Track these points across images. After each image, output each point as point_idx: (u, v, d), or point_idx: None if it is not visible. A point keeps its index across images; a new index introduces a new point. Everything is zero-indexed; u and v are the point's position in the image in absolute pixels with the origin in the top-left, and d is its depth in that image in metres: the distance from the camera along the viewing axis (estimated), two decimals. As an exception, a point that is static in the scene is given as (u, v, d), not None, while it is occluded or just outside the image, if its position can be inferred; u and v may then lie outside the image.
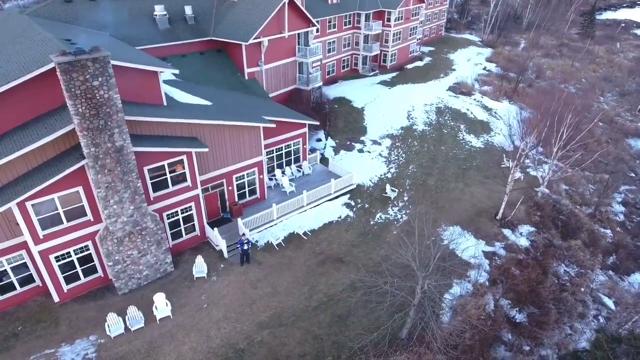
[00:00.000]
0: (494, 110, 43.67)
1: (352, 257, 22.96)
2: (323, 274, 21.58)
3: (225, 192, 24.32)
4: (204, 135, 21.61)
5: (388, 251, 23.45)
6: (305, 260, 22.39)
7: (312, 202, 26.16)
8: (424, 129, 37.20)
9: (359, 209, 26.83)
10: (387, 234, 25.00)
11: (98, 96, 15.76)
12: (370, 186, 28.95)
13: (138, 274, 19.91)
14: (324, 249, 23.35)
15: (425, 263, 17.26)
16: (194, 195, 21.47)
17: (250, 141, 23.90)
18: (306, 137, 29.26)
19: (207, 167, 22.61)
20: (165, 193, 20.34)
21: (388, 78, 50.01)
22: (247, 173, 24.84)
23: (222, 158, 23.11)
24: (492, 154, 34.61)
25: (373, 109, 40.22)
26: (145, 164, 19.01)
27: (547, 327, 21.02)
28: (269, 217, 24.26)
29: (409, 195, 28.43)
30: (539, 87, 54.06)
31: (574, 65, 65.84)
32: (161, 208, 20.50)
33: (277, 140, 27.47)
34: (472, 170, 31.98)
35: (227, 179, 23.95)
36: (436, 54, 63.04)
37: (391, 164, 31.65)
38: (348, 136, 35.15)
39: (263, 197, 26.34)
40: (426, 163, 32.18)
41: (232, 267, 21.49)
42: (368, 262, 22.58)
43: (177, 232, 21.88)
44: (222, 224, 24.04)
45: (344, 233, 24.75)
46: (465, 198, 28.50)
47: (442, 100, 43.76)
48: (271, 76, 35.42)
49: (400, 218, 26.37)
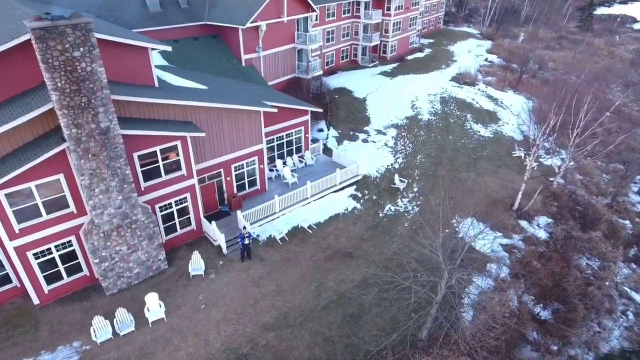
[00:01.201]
0: (499, 100, 42.22)
1: (362, 251, 21.21)
2: (331, 270, 19.81)
3: (224, 183, 22.44)
4: (199, 119, 19.73)
5: (400, 244, 21.75)
6: (312, 256, 20.60)
7: (317, 193, 24.37)
8: (430, 119, 35.58)
9: (367, 200, 25.09)
10: (398, 226, 23.28)
11: (79, 69, 13.83)
12: (377, 177, 27.22)
13: (128, 272, 17.98)
14: (331, 243, 21.57)
15: (449, 255, 15.53)
16: (190, 186, 19.58)
17: (250, 127, 22.04)
18: (308, 126, 27.47)
19: (203, 155, 20.72)
20: (157, 183, 18.43)
21: (389, 69, 48.43)
22: (247, 163, 22.98)
23: (220, 145, 21.23)
24: (502, 143, 33.06)
25: (375, 99, 38.58)
26: (135, 150, 17.10)
27: (574, 325, 19.42)
28: (270, 209, 22.43)
29: (418, 186, 26.75)
30: (542, 77, 52.92)
31: (576, 57, 64.75)
32: (153, 199, 18.59)
33: (277, 129, 25.64)
34: (483, 159, 30.38)
35: (225, 168, 22.07)
36: (436, 45, 61.77)
37: (398, 154, 29.96)
38: (351, 126, 33.41)
39: (264, 189, 24.50)
40: (435, 153, 30.52)
41: (232, 264, 19.64)
42: (379, 257, 20.84)
43: (171, 226, 19.97)
44: (220, 217, 22.17)
45: (351, 226, 22.99)
46: (478, 188, 26.88)
47: (446, 90, 42.24)
48: (269, 63, 33.57)
49: (411, 210, 24.66)
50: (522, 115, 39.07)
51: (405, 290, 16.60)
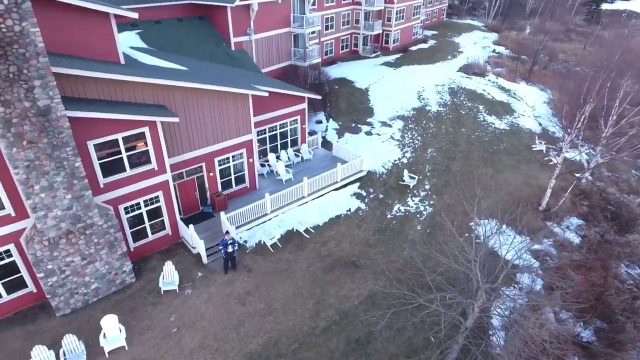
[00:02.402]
0: (512, 91, 39.10)
1: (368, 259, 17.99)
2: (332, 283, 16.57)
3: (206, 179, 19.18)
4: (174, 103, 16.48)
5: (413, 251, 18.54)
6: (309, 265, 17.36)
7: (315, 191, 21.14)
8: (439, 110, 32.37)
9: (372, 199, 21.86)
10: (409, 229, 20.06)
11: (4, 28, 10.57)
12: (383, 173, 23.99)
13: (84, 288, 14.70)
14: (331, 250, 18.34)
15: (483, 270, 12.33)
16: (162, 182, 16.32)
17: (236, 114, 18.78)
18: (305, 115, 24.23)
19: (180, 146, 17.46)
20: (121, 178, 15.16)
21: (392, 59, 45.27)
22: (233, 156, 19.73)
23: (200, 135, 17.97)
24: (520, 136, 29.89)
25: (378, 89, 35.40)
26: (90, 137, 13.83)
27: (623, 348, 16.24)
28: (260, 210, 19.18)
29: (430, 183, 23.53)
30: (554, 69, 49.92)
31: (587, 49, 61.79)
32: (116, 199, 15.33)
33: (270, 118, 22.39)
34: (501, 154, 27.20)
35: (208, 162, 18.82)
36: (440, 37, 58.84)
37: (406, 148, 26.74)
38: (353, 118, 30.18)
39: (254, 186, 21.24)
40: (447, 146, 27.32)
41: (214, 276, 16.39)
42: (389, 266, 17.62)
43: (140, 231, 16.70)
44: (202, 219, 18.93)
45: (355, 229, 19.75)
46: (498, 186, 23.66)
47: (454, 81, 39.08)
48: (262, 48, 30.30)
49: (423, 210, 21.43)
50: (540, 108, 36.25)
51: (422, 308, 13.43)
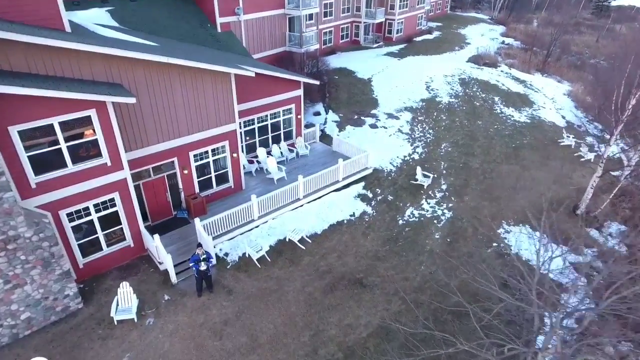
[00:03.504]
0: (528, 82, 35.82)
1: (378, 277, 14.60)
2: (334, 308, 13.18)
3: (179, 178, 15.78)
4: (135, 82, 13.08)
5: (432, 266, 15.18)
6: (304, 285, 13.96)
7: (312, 192, 17.76)
8: (450, 101, 29.04)
9: (380, 202, 18.49)
10: (425, 238, 16.69)
11: None
12: (392, 170, 20.62)
13: (10, 319, 11.26)
14: (332, 265, 14.95)
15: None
16: (119, 182, 12.89)
17: (216, 98, 15.38)
18: (301, 104, 20.85)
19: (144, 136, 14.04)
20: (61, 176, 11.74)
21: (395, 50, 42.00)
22: (213, 150, 16.33)
23: (171, 124, 14.56)
24: (543, 130, 26.57)
25: (382, 80, 32.09)
26: (12, 121, 10.42)
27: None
28: (246, 215, 15.79)
29: (447, 182, 20.17)
30: (568, 61, 46.78)
31: (599, 42, 58.75)
32: (56, 203, 11.90)
33: (259, 106, 19.00)
34: (525, 149, 23.86)
35: (181, 157, 15.41)
36: (445, 29, 55.78)
37: (416, 142, 23.38)
38: (355, 109, 26.81)
39: (239, 186, 17.84)
40: (463, 140, 23.97)
41: (184, 300, 12.98)
42: (404, 285, 14.26)
43: (91, 243, 13.26)
44: (175, 227, 15.54)
45: (361, 239, 16.37)
46: (526, 185, 20.34)
47: (464, 71, 35.81)
48: (253, 31, 26.91)
49: (441, 215, 18.06)
50: (560, 100, 33.01)
51: (449, 344, 10.08)
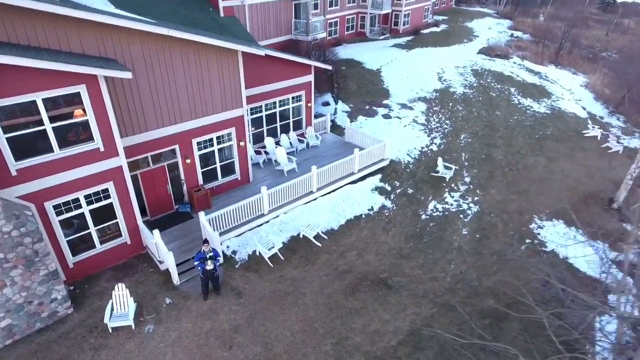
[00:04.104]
0: (542, 74, 34.42)
1: (404, 277, 13.11)
2: (357, 312, 11.67)
3: (181, 168, 14.26)
4: (131, 57, 11.57)
5: (461, 265, 13.71)
6: (323, 286, 12.46)
7: (326, 185, 16.26)
8: (465, 92, 27.59)
9: (399, 195, 17.00)
10: (452, 234, 15.20)
11: None
12: (409, 162, 19.14)
13: (-13, 328, 9.77)
14: (352, 264, 13.46)
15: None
16: (113, 170, 11.37)
17: (221, 79, 13.87)
18: (311, 90, 19.36)
19: (142, 120, 12.53)
20: (46, 162, 10.22)
21: (403, 41, 40.61)
22: (218, 137, 14.82)
23: (172, 107, 13.05)
24: (565, 121, 25.12)
25: (392, 71, 30.66)
26: (-13, 97, 8.93)
27: None
28: (255, 209, 14.28)
29: (471, 175, 18.69)
30: (580, 54, 45.48)
31: (608, 35, 57.54)
32: (41, 193, 10.37)
33: (267, 92, 17.50)
34: (549, 140, 22.40)
35: (183, 145, 13.89)
36: (451, 22, 54.57)
37: (434, 133, 21.89)
38: (366, 99, 25.35)
39: (246, 178, 16.33)
40: (482, 131, 22.50)
41: (187, 304, 11.46)
42: (433, 286, 12.77)
43: (83, 240, 11.74)
44: (176, 222, 14.03)
45: (382, 235, 14.88)
46: (555, 178, 18.89)
47: (476, 62, 34.41)
48: (258, 16, 25.44)
49: (467, 209, 16.57)
50: (578, 91, 31.61)
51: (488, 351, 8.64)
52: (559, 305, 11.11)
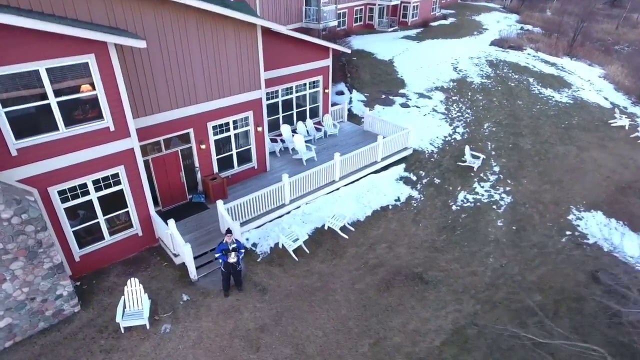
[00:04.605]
0: (559, 65, 33.41)
1: (440, 271, 12.03)
2: (393, 310, 10.58)
3: (195, 154, 13.15)
4: (144, 28, 10.48)
5: (500, 258, 12.64)
6: (354, 281, 11.37)
7: (348, 174, 15.18)
8: (483, 82, 26.54)
9: (426, 185, 15.93)
10: (486, 226, 14.12)
11: None
12: (433, 151, 18.06)
13: (-16, 328, 8.66)
14: (383, 257, 12.37)
15: None
16: (124, 152, 10.26)
17: (239, 56, 12.78)
18: (329, 75, 18.28)
19: (154, 101, 11.43)
20: (51, 142, 9.11)
21: (412, 34, 39.60)
22: (235, 121, 13.72)
23: (186, 85, 11.95)
24: (589, 111, 24.07)
25: (405, 61, 29.63)
26: (-17, 64, 7.81)
27: None
28: (275, 199, 13.18)
29: (499, 164, 17.62)
30: (592, 47, 44.55)
31: (619, 29, 56.66)
32: (44, 177, 9.27)
33: (283, 76, 16.38)
34: (576, 129, 21.34)
35: (198, 129, 12.79)
36: (459, 16, 53.60)
37: (456, 122, 20.83)
38: (381, 89, 24.29)
39: (263, 167, 15.23)
40: (506, 120, 21.44)
41: (207, 301, 10.36)
42: (473, 281, 11.70)
43: (90, 230, 10.63)
44: (189, 213, 12.92)
45: (411, 227, 13.80)
46: (588, 167, 17.84)
47: (490, 54, 33.37)
48: (268, 2, 24.34)
49: (499, 200, 15.50)
50: (597, 82, 30.60)
51: None
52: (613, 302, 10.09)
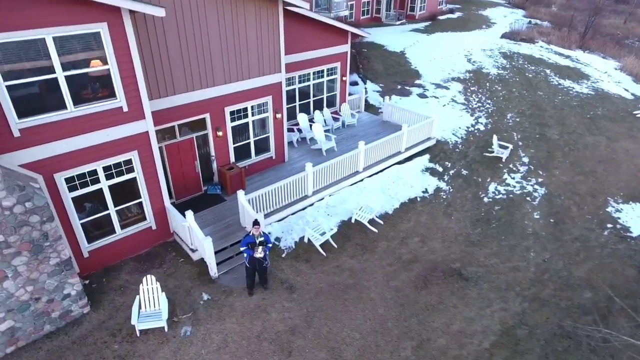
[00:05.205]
0: (573, 57, 32.57)
1: (479, 266, 11.09)
2: (434, 309, 9.63)
3: (211, 142, 12.17)
4: (159, 0, 9.50)
5: (542, 252, 11.72)
6: (388, 278, 10.41)
7: (372, 165, 14.22)
8: (500, 73, 25.65)
9: (453, 177, 14.99)
10: (522, 218, 13.19)
11: None
12: (457, 142, 17.13)
13: (-17, 332, 7.67)
14: (417, 252, 11.42)
15: None
16: (138, 136, 9.28)
17: (259, 35, 11.81)
18: (347, 62, 17.32)
19: (169, 82, 10.45)
20: (58, 122, 8.13)
21: (421, 27, 38.86)
22: (253, 107, 12.75)
23: (203, 65, 10.96)
24: (612, 102, 23.19)
25: (417, 53, 28.76)
26: (-18, 29, 6.83)
27: None
28: (297, 191, 12.21)
29: (528, 155, 16.70)
30: (603, 40, 43.78)
31: (627, 23, 56.03)
32: (50, 162, 8.28)
33: (300, 61, 15.40)
34: (602, 120, 20.45)
35: (214, 114, 11.81)
36: (465, 10, 52.94)
37: (477, 112, 19.91)
38: (396, 80, 23.38)
39: (282, 157, 14.26)
40: (529, 111, 20.54)
41: (230, 300, 9.39)
42: (516, 277, 10.77)
43: (100, 223, 9.64)
44: (205, 206, 11.93)
45: (443, 219, 12.86)
46: (621, 158, 16.94)
47: (502, 46, 32.50)
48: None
49: (533, 191, 14.58)
50: (614, 74, 29.76)
51: None
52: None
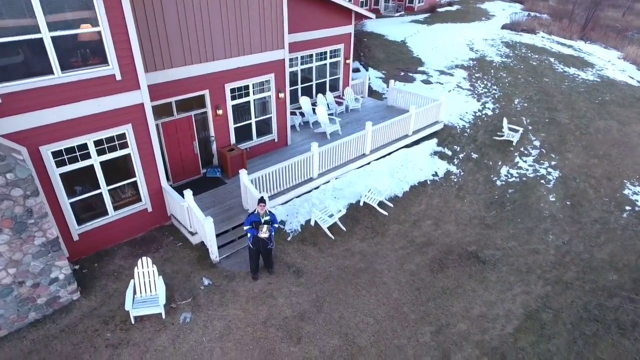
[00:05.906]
0: (575, 46, 32.19)
1: (497, 249, 10.47)
2: (452, 293, 8.99)
3: (210, 121, 11.46)
4: (153, -38, 8.80)
5: (561, 235, 11.13)
6: (402, 261, 9.76)
7: (378, 148, 13.56)
8: (504, 61, 25.13)
9: (463, 160, 14.38)
10: (538, 201, 12.59)
11: None
12: (465, 126, 16.52)
13: (-40, 319, 6.93)
14: (430, 235, 10.78)
15: None
16: (132, 108, 8.56)
17: (261, 5, 11.12)
18: (350, 44, 16.68)
19: (166, 54, 9.73)
20: (44, 88, 7.39)
21: (420, 18, 38.37)
22: (255, 84, 12.06)
23: (202, 38, 10.25)
24: (619, 88, 22.71)
25: (418, 42, 28.27)
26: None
27: None
28: (302, 173, 11.53)
29: (539, 138, 16.12)
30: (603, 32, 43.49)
31: (625, 16, 55.87)
32: (35, 132, 7.54)
33: (303, 41, 14.74)
34: (611, 105, 19.93)
35: (214, 90, 11.10)
36: (463, 3, 52.41)
37: (483, 98, 19.33)
38: (398, 67, 22.80)
39: (284, 140, 13.57)
40: (537, 96, 19.99)
41: (232, 285, 8.70)
42: (536, 260, 10.16)
43: (91, 203, 8.91)
44: (204, 189, 11.22)
45: (456, 202, 12.24)
46: (635, 142, 16.41)
47: (504, 36, 32.07)
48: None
49: (546, 174, 13.99)
50: (618, 63, 29.34)
51: None
52: None
